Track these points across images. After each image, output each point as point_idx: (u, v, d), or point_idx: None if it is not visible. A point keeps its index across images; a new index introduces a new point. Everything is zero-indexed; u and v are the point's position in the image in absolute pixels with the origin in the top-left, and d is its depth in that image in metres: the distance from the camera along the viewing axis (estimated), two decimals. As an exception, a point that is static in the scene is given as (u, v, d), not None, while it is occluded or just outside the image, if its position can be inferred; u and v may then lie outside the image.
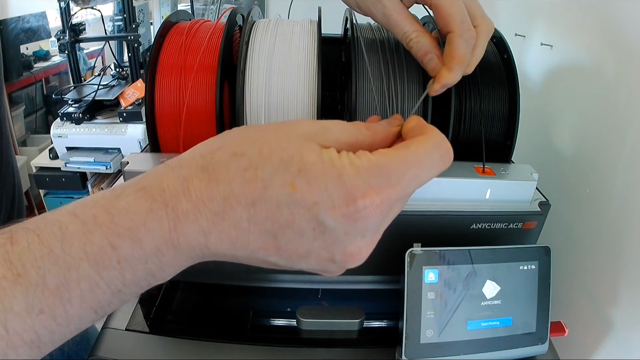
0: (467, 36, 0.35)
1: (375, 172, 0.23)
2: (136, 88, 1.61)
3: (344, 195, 0.22)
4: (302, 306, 0.46)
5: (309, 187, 0.22)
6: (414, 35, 0.37)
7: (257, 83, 0.43)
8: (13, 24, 1.96)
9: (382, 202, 0.23)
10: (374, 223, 0.24)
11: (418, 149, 0.25)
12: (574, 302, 0.59)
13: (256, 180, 0.22)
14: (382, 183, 0.23)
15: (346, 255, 0.24)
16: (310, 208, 0.22)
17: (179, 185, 0.23)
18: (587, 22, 0.59)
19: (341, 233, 0.23)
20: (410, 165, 0.24)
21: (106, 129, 1.59)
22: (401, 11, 0.37)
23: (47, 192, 1.73)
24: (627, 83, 0.51)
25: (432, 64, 0.37)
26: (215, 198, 0.22)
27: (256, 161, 0.23)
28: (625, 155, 0.50)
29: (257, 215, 0.22)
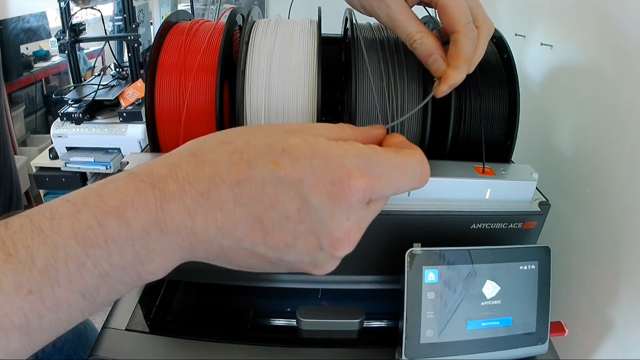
0: (472, 36, 0.35)
1: (363, 157, 0.24)
2: (136, 88, 1.61)
3: (329, 173, 0.23)
4: (302, 306, 0.46)
5: (292, 165, 0.23)
6: (417, 36, 0.37)
7: (257, 83, 0.43)
8: (13, 24, 1.96)
9: (366, 187, 0.23)
10: (358, 206, 0.24)
11: (405, 158, 0.26)
12: (574, 302, 0.59)
13: (241, 162, 0.23)
14: (367, 169, 0.23)
15: (333, 239, 0.24)
16: (294, 185, 0.22)
17: (167, 169, 0.23)
18: (587, 22, 0.59)
19: (326, 213, 0.23)
20: (395, 167, 0.25)
21: (106, 129, 1.59)
22: (405, 12, 0.37)
23: (47, 192, 1.73)
24: (627, 83, 0.51)
25: (437, 65, 0.37)
26: (201, 178, 0.23)
27: (242, 146, 0.23)
28: (625, 155, 0.50)
29: (242, 195, 0.22)
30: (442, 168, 0.43)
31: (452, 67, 0.37)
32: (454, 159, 0.45)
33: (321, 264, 0.26)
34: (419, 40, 0.37)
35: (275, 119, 0.44)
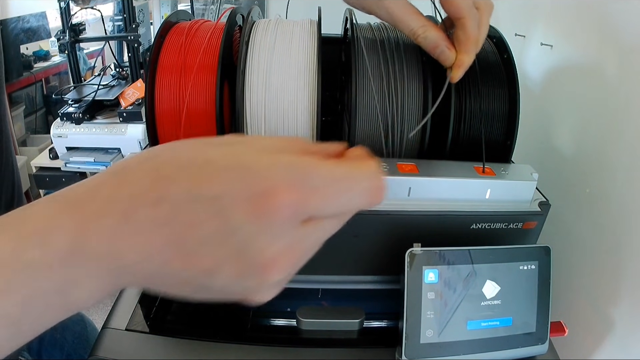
0: (475, 18, 0.37)
1: (293, 168, 0.21)
2: (136, 88, 1.61)
3: (250, 187, 0.20)
4: (302, 306, 0.46)
5: (210, 180, 0.20)
6: (420, 31, 0.38)
7: (257, 83, 0.43)
8: (13, 24, 1.96)
9: (294, 203, 0.20)
10: (288, 226, 0.21)
11: (350, 170, 0.23)
12: (574, 302, 0.59)
13: (161, 179, 0.21)
14: (298, 182, 0.21)
15: (260, 264, 0.21)
16: (212, 202, 0.20)
17: (89, 190, 0.22)
18: (587, 22, 0.59)
19: (249, 234, 0.20)
20: (336, 180, 0.22)
21: (106, 129, 1.59)
22: (405, 8, 0.38)
23: (47, 192, 1.73)
24: (627, 83, 0.51)
25: (444, 55, 0.38)
26: (121, 199, 0.21)
27: (165, 162, 0.22)
28: (625, 155, 0.50)
29: (160, 215, 0.20)
30: (442, 168, 0.43)
31: (462, 51, 0.38)
32: (454, 159, 0.45)
33: (256, 292, 0.23)
34: (422, 34, 0.38)
35: (275, 118, 0.44)
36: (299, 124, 0.44)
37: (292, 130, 0.44)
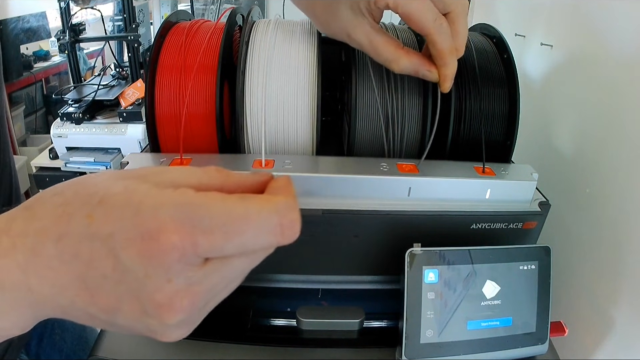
0: (444, 30, 0.35)
1: (184, 207, 0.20)
2: (136, 88, 1.61)
3: (139, 227, 0.20)
4: (302, 306, 0.46)
5: (105, 218, 0.20)
6: (394, 65, 0.37)
7: (257, 83, 0.43)
8: (13, 24, 1.96)
9: (183, 243, 0.20)
10: (181, 267, 0.20)
11: (253, 206, 0.21)
12: (574, 302, 0.59)
13: (63, 215, 0.21)
14: (187, 222, 0.20)
15: (155, 305, 0.21)
16: (106, 241, 0.20)
17: (4, 224, 0.22)
18: (587, 22, 0.59)
19: (141, 274, 0.20)
20: (235, 218, 0.20)
21: (106, 129, 1.59)
22: (374, 38, 0.37)
23: (47, 192, 1.73)
24: (626, 83, 0.51)
25: (427, 77, 0.38)
26: (30, 233, 0.21)
27: (69, 198, 0.22)
28: (625, 155, 0.50)
29: (64, 252, 0.21)
30: (442, 168, 0.43)
31: (440, 65, 0.37)
32: (454, 159, 0.45)
33: (160, 332, 0.22)
34: (397, 68, 0.37)
35: (275, 118, 0.44)
36: (299, 124, 0.44)
37: (292, 130, 0.44)
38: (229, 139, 0.48)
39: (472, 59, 0.46)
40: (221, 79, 0.43)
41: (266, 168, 0.41)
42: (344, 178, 0.40)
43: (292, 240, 0.22)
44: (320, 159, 0.44)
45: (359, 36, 0.37)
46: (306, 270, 0.46)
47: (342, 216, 0.40)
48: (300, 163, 0.42)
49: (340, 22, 0.37)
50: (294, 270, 0.46)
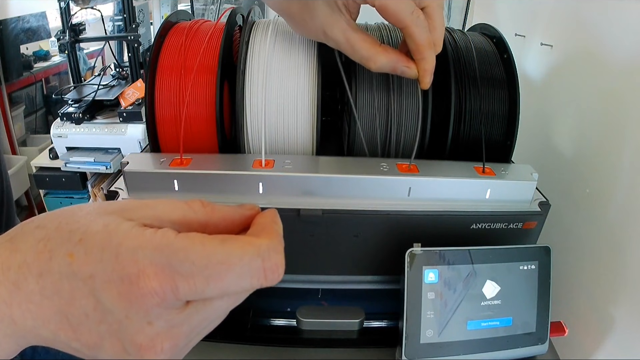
0: (421, 23, 0.34)
1: (163, 251, 0.20)
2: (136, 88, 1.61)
3: (119, 270, 0.20)
4: (302, 306, 0.46)
5: (85, 258, 0.20)
6: (370, 63, 0.37)
7: (257, 83, 0.43)
8: (13, 24, 1.96)
9: (162, 288, 0.20)
10: (161, 310, 0.20)
11: (235, 250, 0.21)
12: (574, 302, 0.59)
13: (45, 251, 0.21)
14: (167, 266, 0.20)
15: (136, 346, 0.21)
16: (86, 281, 0.20)
17: None
18: (587, 22, 0.59)
19: (122, 316, 0.20)
20: (215, 262, 0.20)
21: (106, 129, 1.59)
22: (351, 36, 0.36)
23: (47, 192, 1.73)
24: (627, 83, 0.51)
25: (405, 74, 0.37)
26: (12, 267, 0.21)
27: (51, 232, 0.21)
28: (625, 155, 0.50)
29: (46, 287, 0.21)
30: (442, 168, 0.43)
31: (419, 60, 0.36)
32: (454, 159, 0.45)
33: None
34: (374, 66, 0.37)
35: (275, 118, 0.44)
36: (299, 124, 0.44)
37: (292, 130, 0.44)
38: (229, 139, 0.48)
39: (472, 59, 0.46)
40: (221, 79, 0.43)
41: (266, 168, 0.41)
42: (344, 178, 0.40)
43: (276, 283, 0.22)
44: (320, 159, 0.44)
45: (336, 34, 0.36)
46: (306, 270, 0.46)
47: (342, 216, 0.40)
48: (300, 163, 0.42)
49: (317, 20, 0.37)
50: (294, 270, 0.46)
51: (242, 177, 0.40)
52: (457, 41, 0.49)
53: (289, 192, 0.41)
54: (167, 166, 0.41)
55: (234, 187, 0.40)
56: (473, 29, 0.56)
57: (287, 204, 0.40)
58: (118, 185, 0.42)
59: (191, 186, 0.40)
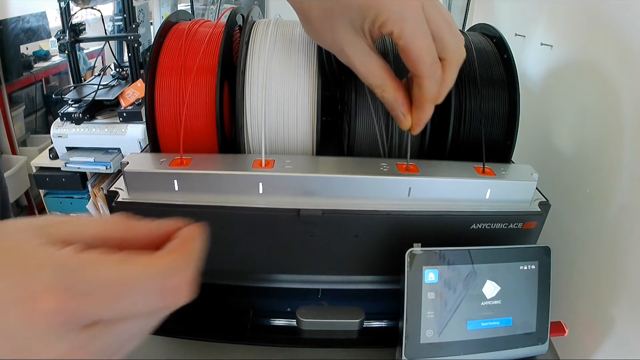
0: (437, 77, 0.34)
1: (62, 271, 0.19)
2: (136, 88, 1.61)
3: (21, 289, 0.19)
4: (302, 306, 0.46)
5: None
6: (377, 90, 0.36)
7: (257, 83, 0.43)
8: (13, 24, 1.96)
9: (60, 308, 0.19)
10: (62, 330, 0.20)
11: (132, 270, 0.20)
12: (574, 302, 0.59)
13: None
14: (63, 286, 0.19)
15: None
16: None
17: None
18: (587, 22, 0.59)
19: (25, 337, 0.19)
20: (113, 283, 0.20)
21: (106, 129, 1.59)
22: (365, 60, 0.35)
23: (47, 192, 1.73)
24: (627, 83, 0.51)
25: (399, 120, 0.36)
26: None
27: None
28: (625, 155, 0.50)
29: None
30: (442, 168, 0.43)
31: (417, 108, 0.35)
32: (454, 159, 0.45)
33: None
34: (379, 94, 0.36)
35: (275, 119, 0.44)
36: (299, 124, 0.44)
37: (292, 130, 0.44)
38: (229, 139, 0.48)
39: (472, 59, 0.46)
40: (221, 79, 0.43)
41: (266, 168, 0.41)
42: (344, 178, 0.40)
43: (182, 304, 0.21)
44: (320, 159, 0.44)
45: (354, 55, 0.35)
46: (306, 270, 0.46)
47: (342, 216, 0.40)
48: (300, 163, 0.42)
49: (338, 35, 0.35)
50: (294, 270, 0.46)
51: (242, 177, 0.40)
52: (457, 41, 0.49)
53: (289, 192, 0.41)
54: (167, 166, 0.41)
55: (234, 187, 0.40)
56: (473, 29, 0.56)
57: (287, 204, 0.40)
58: (118, 185, 0.42)
59: (191, 186, 0.40)
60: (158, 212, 0.41)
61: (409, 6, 0.31)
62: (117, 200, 0.41)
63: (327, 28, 0.35)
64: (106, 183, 1.68)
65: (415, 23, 0.32)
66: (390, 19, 0.31)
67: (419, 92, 0.34)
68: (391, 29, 0.32)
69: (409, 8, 0.31)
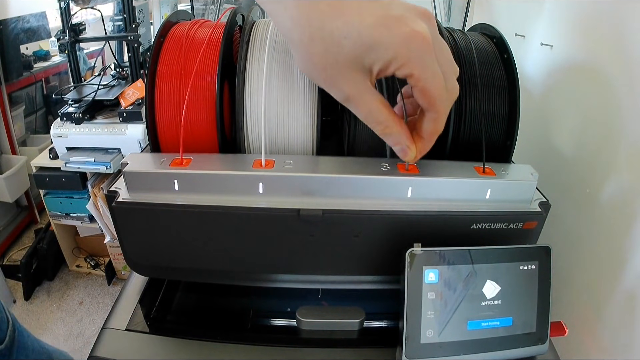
0: (448, 110, 0.34)
1: None
2: (136, 88, 1.61)
3: None
4: (302, 306, 0.46)
5: None
6: (378, 129, 0.34)
7: (257, 83, 0.43)
8: (13, 24, 1.96)
9: None
10: None
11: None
12: (574, 302, 0.59)
13: None
14: None
15: None
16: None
17: None
18: (587, 22, 0.59)
19: None
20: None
21: (106, 129, 1.59)
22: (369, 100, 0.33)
23: (47, 192, 1.73)
24: (627, 83, 0.51)
25: (404, 153, 0.35)
26: None
27: None
28: (625, 155, 0.50)
29: None
30: (442, 168, 0.43)
31: (426, 140, 0.35)
32: (454, 159, 0.45)
33: None
34: (381, 131, 0.34)
35: (275, 119, 0.44)
36: (299, 123, 0.44)
37: (292, 130, 0.44)
38: (229, 139, 0.48)
39: (473, 59, 0.46)
40: (221, 79, 0.43)
41: (266, 168, 0.41)
42: (344, 178, 0.40)
43: None
44: (320, 159, 0.44)
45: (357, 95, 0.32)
46: (306, 270, 0.46)
47: (342, 216, 0.40)
48: (300, 163, 0.42)
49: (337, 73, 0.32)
50: (294, 270, 0.46)
51: (242, 177, 0.40)
52: (458, 41, 0.49)
53: (289, 192, 0.41)
54: (167, 166, 0.41)
55: (234, 187, 0.40)
56: (473, 29, 0.56)
57: (287, 204, 0.40)
58: (118, 185, 0.42)
59: (191, 186, 0.40)
60: (158, 212, 0.41)
61: (425, 48, 0.30)
62: (117, 200, 0.41)
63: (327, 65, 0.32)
64: (106, 183, 1.68)
65: (432, 64, 0.31)
66: (410, 62, 0.30)
67: (432, 126, 0.34)
68: (410, 72, 0.30)
69: (426, 49, 0.30)
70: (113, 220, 0.43)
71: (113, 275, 1.86)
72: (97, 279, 1.87)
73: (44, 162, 1.70)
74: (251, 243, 0.43)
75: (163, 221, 0.42)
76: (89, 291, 1.81)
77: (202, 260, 0.44)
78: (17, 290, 1.76)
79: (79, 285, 1.84)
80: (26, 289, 1.75)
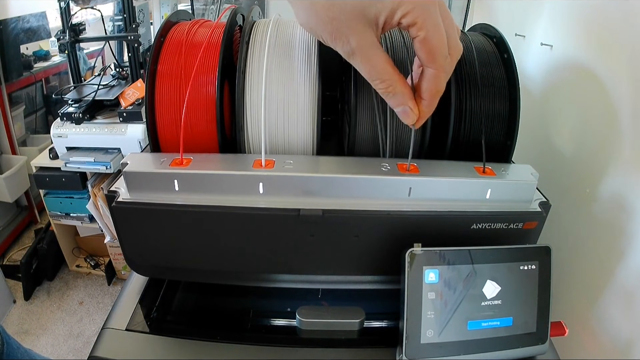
0: (449, 69, 0.34)
1: None
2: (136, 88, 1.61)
3: None
4: (302, 306, 0.46)
5: None
6: (382, 87, 0.34)
7: (257, 83, 0.43)
8: (13, 24, 1.96)
9: None
10: None
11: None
12: (574, 302, 0.59)
13: None
14: None
15: None
16: None
17: None
18: (587, 22, 0.59)
19: None
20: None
21: (106, 129, 1.59)
22: (369, 56, 0.33)
23: (47, 192, 1.73)
24: (626, 83, 0.51)
25: (405, 115, 0.35)
26: None
27: None
28: (625, 155, 0.50)
29: None
30: (442, 168, 0.43)
31: (427, 100, 0.35)
32: (454, 159, 0.45)
33: None
34: (383, 90, 0.34)
35: (276, 118, 0.44)
36: (299, 123, 0.44)
37: (292, 130, 0.44)
38: (229, 139, 0.48)
39: (473, 59, 0.46)
40: (221, 79, 0.43)
41: (266, 168, 0.41)
42: (344, 178, 0.40)
43: None
44: (320, 159, 0.44)
45: (362, 48, 0.33)
46: (306, 270, 0.46)
47: (342, 216, 0.40)
48: (301, 163, 0.42)
49: (343, 25, 0.32)
50: (294, 270, 0.46)
51: (243, 177, 0.40)
52: (457, 41, 0.49)
53: (289, 192, 0.41)
54: (167, 166, 0.41)
55: (234, 187, 0.40)
56: (473, 29, 0.56)
57: (287, 204, 0.40)
58: (118, 185, 0.42)
59: (191, 186, 0.40)
60: (158, 212, 0.41)
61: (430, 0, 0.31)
62: (117, 200, 0.41)
63: (333, 17, 0.32)
64: (106, 183, 1.68)
65: (436, 16, 0.32)
66: (415, 9, 0.31)
67: (432, 85, 0.34)
68: (415, 19, 0.31)
69: (431, 1, 0.31)
70: (113, 220, 0.43)
71: (113, 275, 1.86)
72: (97, 279, 1.87)
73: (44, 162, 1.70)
74: (251, 243, 0.43)
75: (163, 221, 0.42)
76: (89, 291, 1.81)
77: (202, 260, 0.44)
78: (17, 290, 1.76)
79: (79, 285, 1.84)
80: (26, 289, 1.75)
